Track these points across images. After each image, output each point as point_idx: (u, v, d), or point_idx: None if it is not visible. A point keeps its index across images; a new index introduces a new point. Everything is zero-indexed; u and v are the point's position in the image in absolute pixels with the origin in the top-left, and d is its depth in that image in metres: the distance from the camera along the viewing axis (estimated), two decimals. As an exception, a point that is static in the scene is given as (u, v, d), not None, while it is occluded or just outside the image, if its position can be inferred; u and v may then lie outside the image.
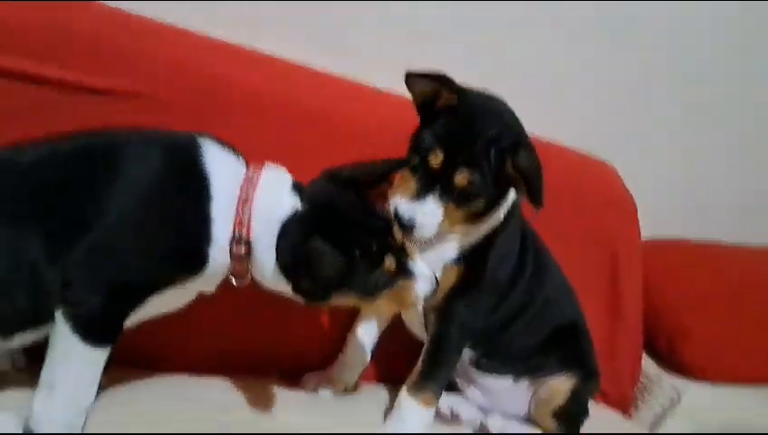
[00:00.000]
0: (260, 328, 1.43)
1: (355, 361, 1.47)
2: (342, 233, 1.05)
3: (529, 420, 1.45)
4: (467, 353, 1.42)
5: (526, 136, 1.25)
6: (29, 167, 0.98)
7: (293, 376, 1.43)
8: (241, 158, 1.10)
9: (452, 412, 1.41)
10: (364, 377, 1.52)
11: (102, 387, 1.18)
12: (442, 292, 1.29)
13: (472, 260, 1.31)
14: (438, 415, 1.39)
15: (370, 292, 1.10)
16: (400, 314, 1.45)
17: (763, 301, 1.94)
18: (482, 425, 1.38)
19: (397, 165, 1.17)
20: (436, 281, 1.16)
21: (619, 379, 1.83)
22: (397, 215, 1.19)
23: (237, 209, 1.05)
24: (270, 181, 1.08)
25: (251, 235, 1.05)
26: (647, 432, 1.77)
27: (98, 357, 0.98)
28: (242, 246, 1.05)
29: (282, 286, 1.10)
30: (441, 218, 1.20)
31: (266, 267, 1.07)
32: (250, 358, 1.41)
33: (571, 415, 1.43)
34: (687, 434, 1.73)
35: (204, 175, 1.03)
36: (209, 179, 1.03)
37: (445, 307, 1.30)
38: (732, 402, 1.84)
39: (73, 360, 0.96)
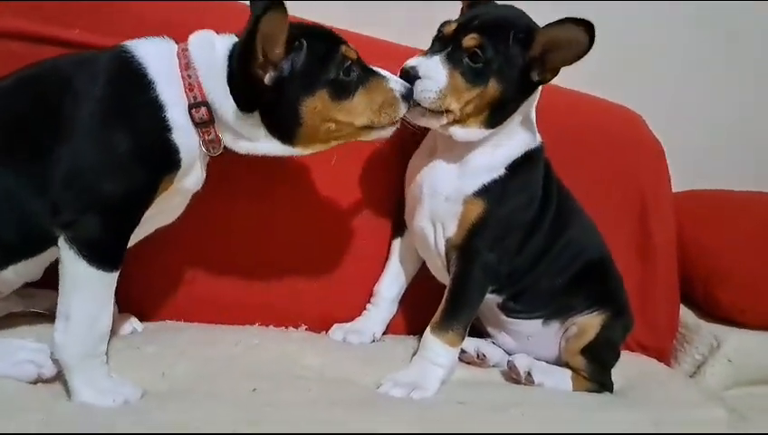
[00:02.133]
0: (288, 281, 1.46)
1: (382, 311, 1.49)
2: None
3: (559, 362, 1.44)
4: (494, 298, 1.41)
5: None
6: None
7: (321, 329, 1.46)
8: (168, 38, 1.10)
9: (478, 354, 1.41)
10: (392, 329, 1.53)
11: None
12: (463, 228, 1.30)
13: (495, 198, 1.30)
14: (465, 357, 1.40)
15: (343, 88, 1.07)
16: (425, 263, 1.46)
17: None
18: (509, 365, 1.37)
19: None
20: (411, 90, 1.15)
21: (656, 330, 1.79)
22: (402, 72, 1.20)
23: (182, 77, 1.04)
24: (199, 39, 1.07)
25: (204, 93, 1.04)
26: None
27: (107, 281, 0.99)
28: (201, 109, 1.04)
29: (252, 130, 1.08)
30: (445, 80, 1.20)
31: (231, 115, 1.05)
32: (279, 311, 1.43)
33: (601, 353, 1.40)
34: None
35: (139, 67, 1.03)
36: (145, 68, 1.03)
37: (466, 246, 1.30)
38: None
39: (83, 285, 0.98)
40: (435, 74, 1.20)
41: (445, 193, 1.32)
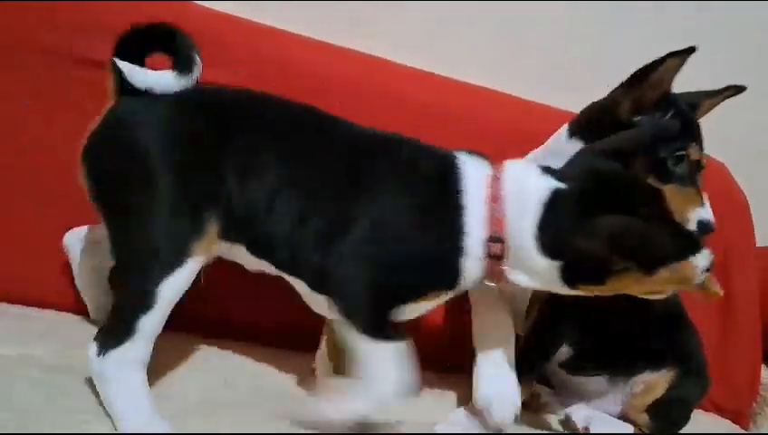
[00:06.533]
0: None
1: None
2: (624, 201, 0.97)
3: (622, 418, 1.37)
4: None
5: None
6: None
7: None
8: (484, 159, 1.08)
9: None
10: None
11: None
12: None
13: None
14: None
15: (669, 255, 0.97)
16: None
17: None
18: (567, 417, 1.33)
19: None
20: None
21: (735, 390, 1.72)
22: (703, 224, 1.21)
23: (489, 208, 1.02)
24: (516, 173, 1.05)
25: (505, 231, 1.01)
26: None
27: (391, 349, 0.98)
28: (497, 244, 1.01)
29: (545, 276, 1.02)
30: None
31: (528, 258, 1.01)
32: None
33: (668, 412, 1.33)
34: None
35: (459, 186, 1.03)
36: (462, 191, 1.02)
37: (554, 301, 1.27)
38: None
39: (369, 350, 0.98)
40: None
41: None
